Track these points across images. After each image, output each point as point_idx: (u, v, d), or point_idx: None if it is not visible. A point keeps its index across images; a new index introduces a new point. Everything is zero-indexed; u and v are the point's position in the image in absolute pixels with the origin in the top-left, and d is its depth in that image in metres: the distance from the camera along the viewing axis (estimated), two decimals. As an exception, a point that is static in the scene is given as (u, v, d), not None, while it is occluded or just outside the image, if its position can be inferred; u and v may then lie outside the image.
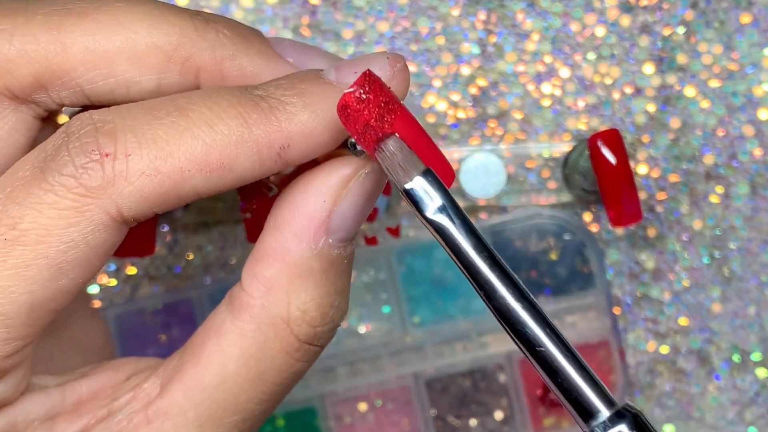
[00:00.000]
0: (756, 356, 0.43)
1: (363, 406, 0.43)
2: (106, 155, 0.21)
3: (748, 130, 0.43)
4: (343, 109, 0.22)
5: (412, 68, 0.42)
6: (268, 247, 0.24)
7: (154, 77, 0.24)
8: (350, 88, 0.22)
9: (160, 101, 0.23)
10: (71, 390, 0.25)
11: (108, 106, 0.24)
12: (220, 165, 0.22)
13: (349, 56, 0.42)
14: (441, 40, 0.43)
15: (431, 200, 0.22)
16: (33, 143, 0.25)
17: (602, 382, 0.22)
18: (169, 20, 0.24)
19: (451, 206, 0.21)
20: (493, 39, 0.43)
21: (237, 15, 0.42)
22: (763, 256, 0.43)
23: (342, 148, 0.24)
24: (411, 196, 0.22)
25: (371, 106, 0.22)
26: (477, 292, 0.22)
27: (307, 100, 0.23)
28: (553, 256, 0.42)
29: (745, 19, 0.43)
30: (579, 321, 0.43)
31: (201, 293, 0.42)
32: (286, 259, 0.23)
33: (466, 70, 0.43)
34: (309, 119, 0.23)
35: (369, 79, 0.22)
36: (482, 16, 0.43)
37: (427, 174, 0.22)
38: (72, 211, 0.21)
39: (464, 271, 0.22)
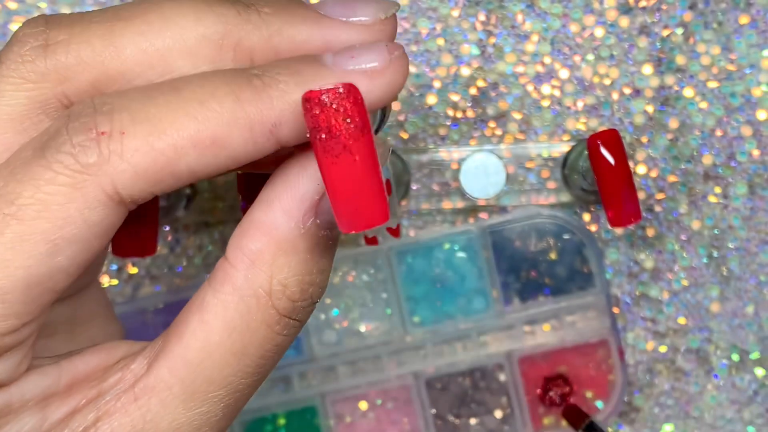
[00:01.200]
0: (754, 355, 0.43)
1: (363, 405, 0.43)
2: (102, 133, 0.22)
3: (747, 131, 0.43)
4: (305, 101, 0.22)
5: (412, 69, 0.43)
6: (257, 220, 0.24)
7: (208, 67, 0.24)
8: (324, 87, 0.22)
9: (158, 83, 0.23)
10: (66, 370, 0.25)
11: None
12: (212, 142, 0.22)
13: (349, 57, 0.43)
14: (441, 41, 0.43)
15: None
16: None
17: None
18: (214, 10, 0.24)
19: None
20: (493, 40, 0.43)
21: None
22: (762, 255, 0.43)
23: None
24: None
25: (330, 116, 0.22)
26: None
27: (300, 79, 0.23)
28: (553, 255, 0.43)
29: (744, 20, 0.43)
30: (578, 320, 0.43)
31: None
32: (273, 234, 0.24)
33: (465, 71, 0.43)
34: (300, 98, 0.23)
35: (344, 93, 0.22)
36: (482, 17, 0.43)
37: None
38: (69, 187, 0.22)
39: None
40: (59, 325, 0.28)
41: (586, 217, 0.43)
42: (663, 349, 0.43)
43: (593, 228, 0.43)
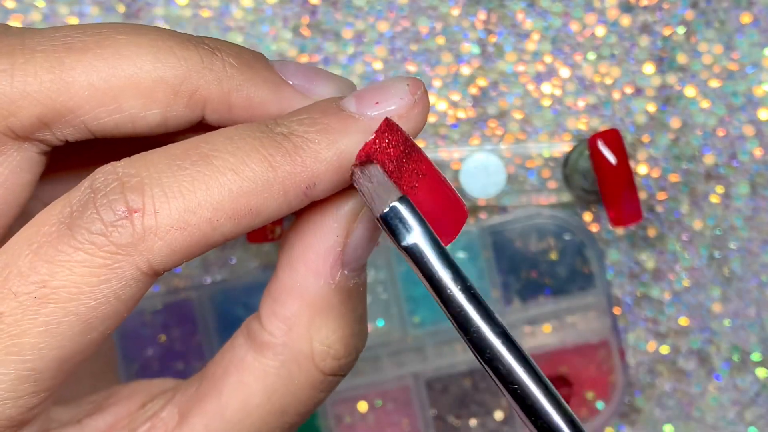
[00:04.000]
0: (756, 356, 0.43)
1: (363, 406, 0.43)
2: (135, 212, 0.21)
3: (748, 130, 0.43)
4: (359, 166, 0.22)
5: (412, 68, 0.42)
6: (285, 286, 0.24)
7: (159, 111, 0.23)
8: (371, 137, 0.22)
9: (183, 148, 0.22)
10: (90, 427, 0.24)
11: (112, 140, 0.24)
12: (248, 211, 0.22)
13: (348, 57, 0.42)
14: (441, 40, 0.42)
15: (408, 228, 0.22)
16: (38, 178, 0.25)
17: (579, 421, 0.21)
18: (175, 52, 0.23)
19: (427, 235, 0.21)
20: (493, 39, 0.43)
21: (237, 15, 0.42)
22: (764, 256, 0.43)
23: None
24: (386, 223, 0.21)
25: (392, 156, 0.22)
26: (453, 324, 0.21)
27: (331, 137, 0.22)
28: (553, 256, 0.42)
29: (746, 18, 0.42)
30: (579, 321, 0.43)
31: (201, 293, 0.42)
32: (304, 297, 0.23)
33: (466, 70, 0.43)
34: (334, 157, 0.22)
35: (389, 129, 0.22)
36: (482, 16, 0.43)
37: (403, 201, 0.21)
38: (103, 268, 0.21)
39: (440, 303, 0.21)
40: None
41: (587, 217, 0.43)
42: (664, 349, 0.43)
43: (594, 228, 0.43)
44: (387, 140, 0.22)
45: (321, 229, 0.23)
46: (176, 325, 0.42)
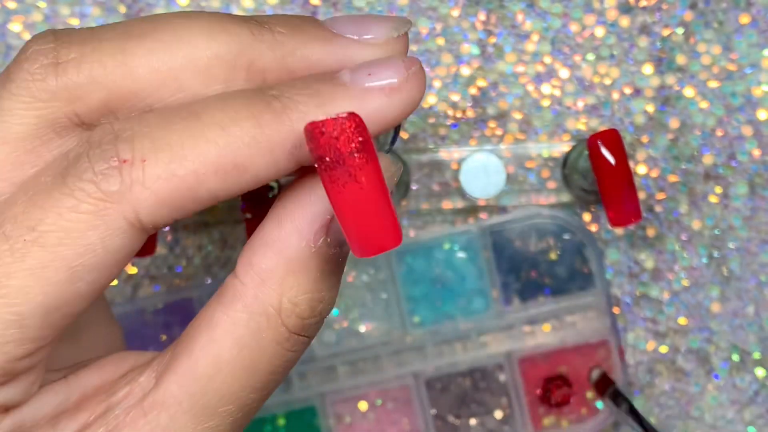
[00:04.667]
0: (755, 356, 0.43)
1: (363, 406, 0.43)
2: (124, 161, 0.22)
3: (747, 131, 0.43)
4: (307, 132, 0.22)
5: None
6: (268, 238, 0.24)
7: (220, 87, 0.24)
8: (323, 119, 0.22)
9: (177, 107, 0.23)
10: (75, 387, 0.25)
11: None
12: (234, 166, 0.22)
13: (349, 57, 0.43)
14: (441, 41, 0.43)
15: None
16: None
17: None
18: (227, 29, 0.24)
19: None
20: (493, 40, 0.43)
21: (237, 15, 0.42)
22: (762, 255, 0.43)
23: None
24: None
25: (333, 145, 0.22)
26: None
27: (320, 100, 0.23)
28: (553, 255, 0.43)
29: (744, 19, 0.43)
30: (579, 321, 0.43)
31: (201, 293, 0.42)
32: (283, 253, 0.24)
33: (465, 71, 0.43)
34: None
35: (345, 121, 0.22)
36: (482, 16, 0.43)
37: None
38: (91, 215, 0.22)
39: None
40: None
41: (587, 217, 0.43)
42: (663, 349, 0.43)
43: (593, 228, 0.43)
44: (340, 128, 0.22)
45: (314, 193, 0.24)
46: (177, 325, 0.42)
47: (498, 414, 0.43)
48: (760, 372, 0.43)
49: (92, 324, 0.30)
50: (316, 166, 0.22)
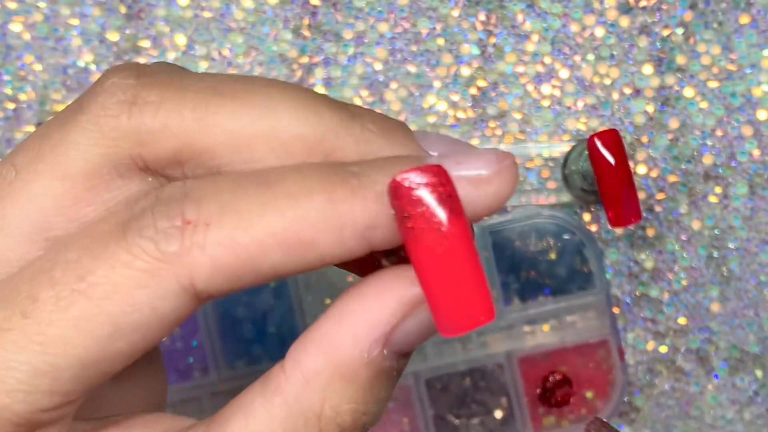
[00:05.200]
0: (755, 356, 0.43)
1: (363, 406, 0.43)
2: (188, 223, 0.21)
3: (747, 131, 0.43)
4: (391, 189, 0.20)
5: (412, 69, 0.43)
6: (320, 337, 0.23)
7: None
8: (404, 174, 0.20)
9: (252, 173, 0.22)
10: None
11: None
12: (300, 241, 0.21)
13: (349, 58, 0.43)
14: (441, 41, 0.43)
15: None
16: None
17: None
18: (318, 112, 0.23)
19: None
20: (493, 40, 0.43)
21: (237, 15, 0.42)
22: (762, 255, 0.43)
23: None
24: None
25: (420, 202, 0.20)
26: None
27: None
28: (553, 255, 0.43)
29: (744, 19, 0.43)
30: (578, 321, 0.43)
31: (204, 306, 0.42)
32: (334, 357, 0.22)
33: (465, 71, 0.43)
34: None
35: (433, 176, 0.20)
36: (482, 17, 0.43)
37: None
38: (144, 273, 0.21)
39: None
40: None
41: (586, 217, 0.43)
42: (663, 349, 0.43)
43: (593, 228, 0.43)
44: (426, 177, 0.20)
45: (379, 299, 0.22)
46: (177, 334, 0.42)
47: (498, 414, 0.43)
48: (759, 372, 0.43)
49: (137, 372, 0.28)
50: (400, 227, 0.21)
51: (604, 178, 0.39)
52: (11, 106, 0.43)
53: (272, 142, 0.22)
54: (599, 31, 0.43)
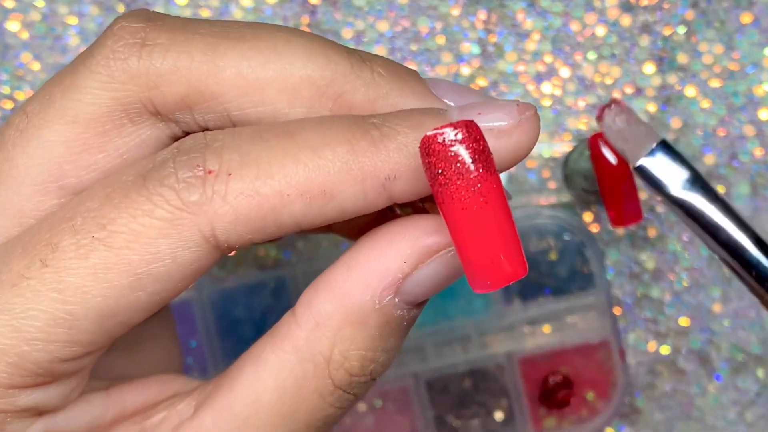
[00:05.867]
0: (756, 356, 0.43)
1: (362, 407, 0.43)
2: (210, 172, 0.21)
3: (749, 130, 0.43)
4: (423, 146, 0.20)
5: (412, 68, 0.42)
6: (332, 282, 0.23)
7: (303, 110, 0.23)
8: (440, 128, 0.20)
9: (272, 124, 0.22)
10: (115, 402, 0.24)
11: None
12: (321, 192, 0.21)
13: (348, 56, 0.42)
14: (441, 40, 0.42)
15: (672, 176, 0.19)
16: None
17: None
18: (327, 55, 0.23)
19: (699, 180, 0.19)
20: (494, 39, 0.43)
21: (237, 15, 0.42)
22: (764, 256, 0.43)
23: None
24: (647, 174, 0.19)
25: (453, 159, 0.20)
26: (740, 276, 0.19)
27: (422, 132, 0.21)
28: (553, 256, 0.42)
29: (746, 18, 0.42)
30: (579, 321, 0.42)
31: (201, 294, 0.42)
32: (345, 303, 0.22)
33: (466, 70, 0.43)
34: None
35: (465, 131, 0.20)
36: (482, 15, 0.43)
37: (665, 146, 0.19)
38: (165, 222, 0.21)
39: (723, 251, 0.19)
40: (119, 342, 0.26)
41: (587, 217, 0.43)
42: (664, 350, 0.43)
43: (594, 228, 0.43)
44: (460, 135, 0.20)
45: (393, 247, 0.22)
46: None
47: (498, 415, 0.43)
48: (761, 373, 0.43)
49: (152, 339, 0.28)
50: (432, 184, 0.20)
51: (605, 178, 0.39)
52: (9, 105, 0.42)
53: (281, 85, 0.22)
54: (600, 30, 0.43)
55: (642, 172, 0.18)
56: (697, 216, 0.18)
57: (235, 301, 0.42)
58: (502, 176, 0.42)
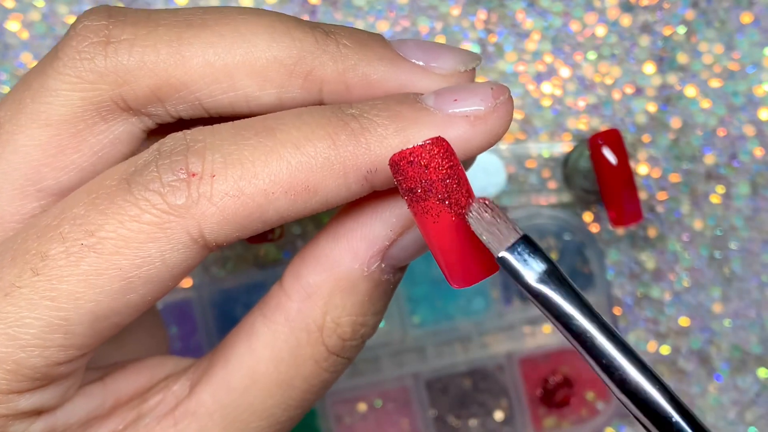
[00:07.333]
0: (756, 356, 0.43)
1: (363, 407, 0.43)
2: (193, 175, 0.21)
3: (749, 130, 0.42)
4: (393, 165, 0.21)
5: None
6: (320, 253, 0.23)
7: (274, 91, 0.23)
8: (409, 148, 0.21)
9: (250, 121, 0.22)
10: (111, 391, 0.24)
11: (227, 119, 0.24)
12: (305, 188, 0.21)
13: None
14: (441, 40, 0.42)
15: (531, 268, 0.21)
16: (133, 154, 0.24)
17: None
18: (291, 33, 0.23)
19: (555, 272, 0.20)
20: (494, 38, 0.42)
21: (236, 14, 0.42)
22: (764, 256, 0.43)
23: None
24: (508, 265, 0.21)
25: (423, 175, 0.21)
26: (592, 364, 0.21)
27: (400, 124, 0.22)
28: (553, 256, 0.42)
29: (746, 18, 0.42)
30: (579, 321, 0.42)
31: (201, 293, 0.42)
32: (334, 271, 0.23)
33: (466, 70, 0.42)
34: (400, 145, 0.22)
35: (438, 146, 0.21)
36: (482, 15, 0.42)
37: (526, 240, 0.21)
38: (153, 226, 0.21)
39: (575, 342, 0.21)
40: None
41: (587, 217, 0.43)
42: (665, 350, 0.43)
43: (594, 228, 0.43)
44: (428, 155, 0.21)
45: (378, 216, 0.23)
46: (176, 325, 0.42)
47: (498, 415, 0.43)
48: (761, 373, 0.43)
49: (138, 326, 0.29)
50: (405, 198, 0.21)
51: (605, 178, 0.39)
52: (9, 105, 0.42)
53: (249, 68, 0.23)
54: (600, 30, 0.43)
55: (503, 262, 0.20)
56: (552, 306, 0.20)
57: (235, 300, 0.42)
58: (501, 178, 0.42)
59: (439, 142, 0.21)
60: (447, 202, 0.21)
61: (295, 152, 0.21)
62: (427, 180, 0.21)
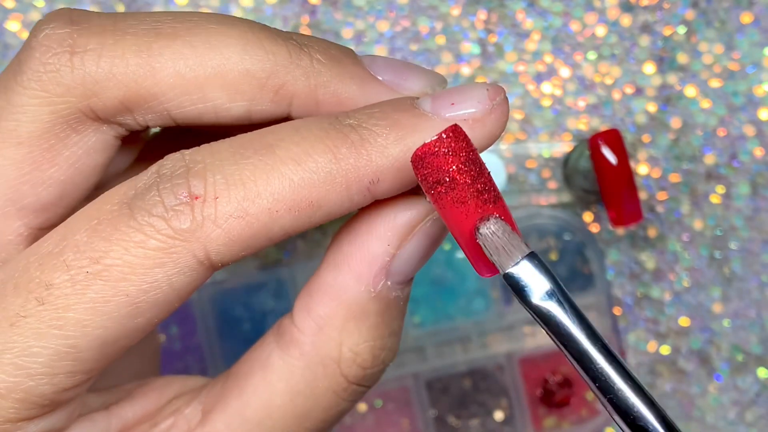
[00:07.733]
0: (756, 357, 0.43)
1: (363, 407, 0.43)
2: (196, 198, 0.21)
3: (749, 130, 0.42)
4: (417, 161, 0.21)
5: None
6: (325, 283, 0.23)
7: (244, 104, 0.23)
8: (431, 138, 0.21)
9: (249, 138, 0.22)
10: (117, 416, 0.24)
11: (195, 129, 0.23)
12: (309, 204, 0.21)
13: (348, 56, 0.42)
14: (441, 40, 0.42)
15: (536, 286, 0.21)
16: (110, 162, 0.24)
17: None
18: (263, 45, 0.23)
19: (559, 292, 0.20)
20: (494, 39, 0.42)
21: (236, 14, 0.42)
22: (764, 256, 0.43)
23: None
24: (513, 282, 0.21)
25: (448, 166, 0.21)
26: (589, 384, 0.21)
27: (400, 132, 0.22)
28: (553, 256, 0.42)
29: (746, 18, 0.42)
30: (579, 321, 0.42)
31: (201, 293, 0.42)
32: (342, 299, 0.23)
33: (466, 70, 0.42)
34: (401, 154, 0.21)
35: (454, 134, 0.21)
36: (482, 15, 0.42)
37: (532, 258, 0.21)
38: (159, 252, 0.21)
39: (574, 361, 0.21)
40: None
41: (587, 217, 0.43)
42: (665, 350, 0.43)
43: (594, 228, 0.43)
44: (447, 147, 0.21)
45: (373, 234, 0.23)
46: (176, 325, 0.42)
47: (498, 415, 0.43)
48: (761, 373, 0.43)
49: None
50: (431, 193, 0.21)
51: (605, 178, 0.39)
52: (9, 105, 0.42)
53: (221, 81, 0.22)
54: (600, 30, 0.43)
55: (508, 279, 0.20)
56: (554, 325, 0.20)
57: (235, 300, 0.42)
58: (501, 178, 0.42)
59: (456, 129, 0.21)
60: (475, 188, 0.21)
61: (297, 169, 0.21)
62: (455, 166, 0.21)
